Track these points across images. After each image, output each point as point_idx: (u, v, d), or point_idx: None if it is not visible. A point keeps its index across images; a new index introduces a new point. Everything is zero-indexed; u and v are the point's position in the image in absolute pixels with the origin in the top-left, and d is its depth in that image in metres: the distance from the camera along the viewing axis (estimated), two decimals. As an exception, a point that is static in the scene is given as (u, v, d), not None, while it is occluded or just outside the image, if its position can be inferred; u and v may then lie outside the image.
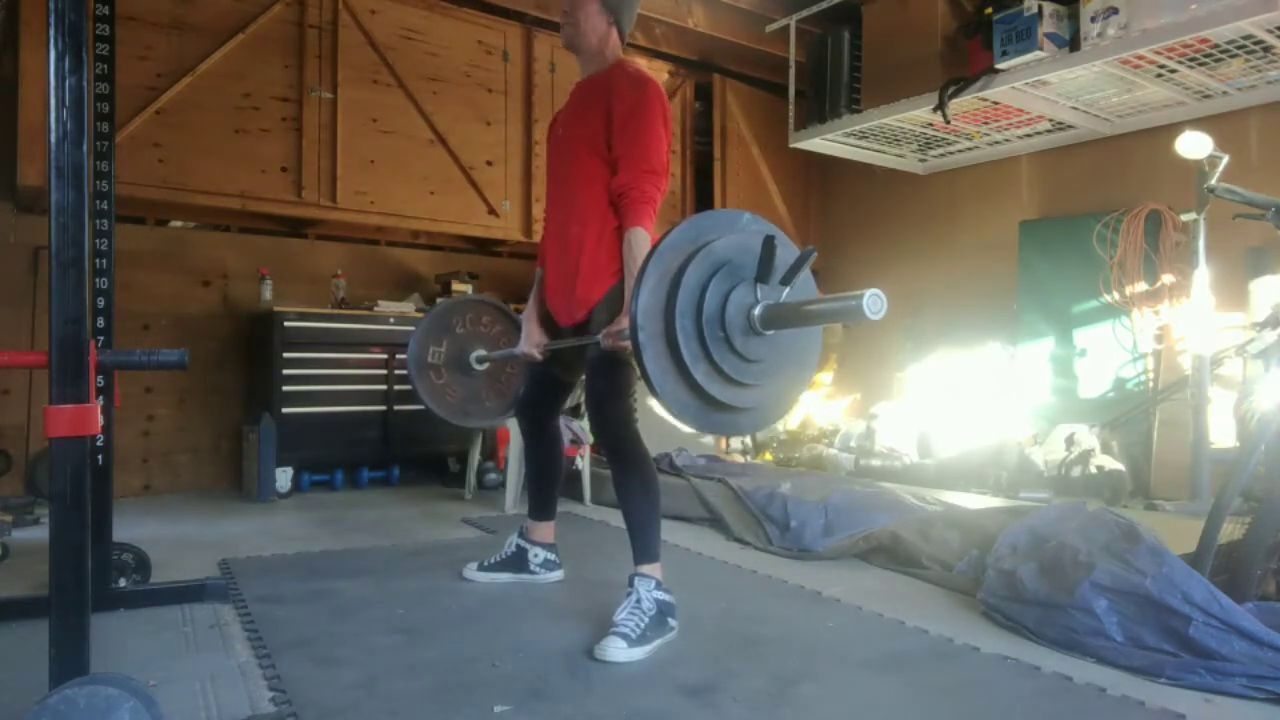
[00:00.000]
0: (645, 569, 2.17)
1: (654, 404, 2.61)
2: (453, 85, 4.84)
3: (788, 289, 1.65)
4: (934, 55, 4.49)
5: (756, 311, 1.61)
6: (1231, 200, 2.82)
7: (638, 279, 1.61)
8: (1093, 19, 3.81)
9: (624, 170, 2.18)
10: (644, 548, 2.19)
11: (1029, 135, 4.95)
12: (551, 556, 2.66)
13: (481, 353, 2.84)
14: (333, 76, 4.46)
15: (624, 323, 2.05)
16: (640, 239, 2.14)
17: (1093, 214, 4.65)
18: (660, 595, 2.12)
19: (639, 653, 1.97)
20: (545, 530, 2.66)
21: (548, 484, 2.66)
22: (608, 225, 2.23)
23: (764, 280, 1.61)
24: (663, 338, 1.60)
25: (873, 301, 1.39)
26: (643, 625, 2.03)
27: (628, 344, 1.99)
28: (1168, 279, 4.30)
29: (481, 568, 2.66)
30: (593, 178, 2.25)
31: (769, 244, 1.59)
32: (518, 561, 2.64)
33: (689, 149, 5.83)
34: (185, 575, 2.56)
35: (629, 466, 2.23)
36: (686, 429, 5.08)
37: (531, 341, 2.45)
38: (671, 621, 2.12)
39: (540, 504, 2.65)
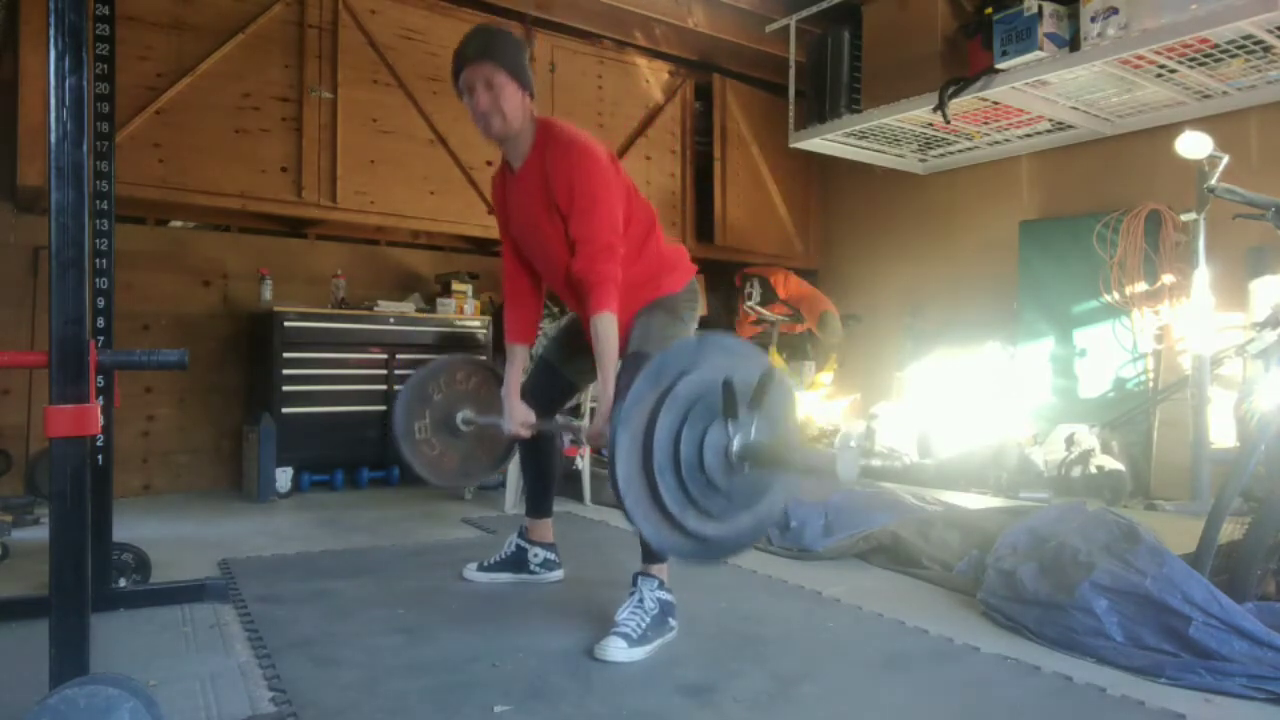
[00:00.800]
0: (652, 569, 2.17)
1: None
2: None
3: (757, 415, 1.67)
4: (934, 55, 4.49)
5: (734, 447, 1.64)
6: (1231, 200, 2.83)
7: (611, 449, 1.61)
8: (1093, 19, 3.81)
9: (578, 255, 2.15)
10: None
11: (1029, 135, 4.94)
12: (551, 556, 2.66)
13: (468, 414, 2.84)
14: (333, 76, 4.46)
15: (600, 425, 2.08)
16: (605, 324, 2.12)
17: (1093, 214, 4.64)
18: (663, 595, 2.12)
19: (639, 653, 1.97)
20: (544, 530, 2.66)
21: (544, 483, 2.66)
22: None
23: (733, 416, 1.63)
24: (647, 496, 1.62)
25: (846, 463, 1.42)
26: (644, 625, 2.03)
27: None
28: (1168, 279, 4.30)
29: (481, 568, 2.66)
30: None
31: (728, 389, 1.61)
32: (518, 561, 2.64)
33: (689, 149, 5.83)
34: (185, 575, 2.56)
35: None
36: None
37: (517, 419, 2.40)
38: (672, 621, 2.12)
39: (537, 503, 2.66)
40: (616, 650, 1.96)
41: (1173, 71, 3.97)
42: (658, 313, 2.30)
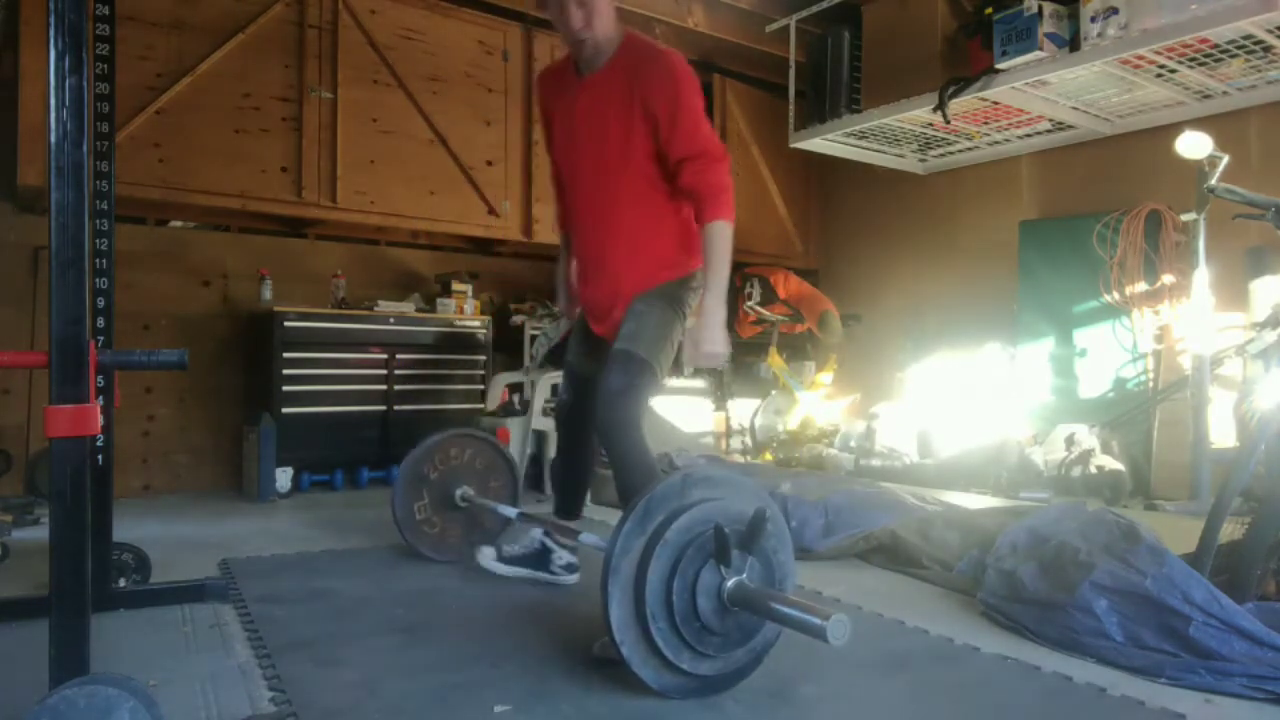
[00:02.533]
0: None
1: (653, 403, 2.62)
2: (453, 85, 4.84)
3: (751, 556, 1.71)
4: (934, 55, 4.49)
5: (728, 588, 1.68)
6: (1231, 200, 2.82)
7: (604, 597, 1.65)
8: (1093, 19, 3.81)
9: (688, 169, 2.11)
10: None
11: (1029, 135, 4.94)
12: (574, 560, 2.62)
13: (467, 491, 2.92)
14: (333, 76, 4.46)
15: (706, 343, 2.06)
16: (722, 231, 2.08)
17: (1093, 214, 4.64)
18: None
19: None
20: (571, 531, 2.62)
21: (579, 486, 2.63)
22: (655, 224, 2.20)
23: (725, 562, 1.67)
24: (643, 642, 1.66)
25: (837, 627, 1.45)
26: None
27: (715, 362, 2.09)
28: (1168, 279, 4.30)
29: (501, 558, 2.58)
30: (637, 177, 2.18)
31: (720, 534, 1.65)
32: (540, 559, 2.60)
33: (689, 149, 5.82)
34: (185, 575, 2.56)
35: (634, 473, 2.14)
36: (686, 429, 5.09)
37: (575, 309, 2.49)
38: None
39: (569, 503, 2.62)
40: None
41: (1173, 71, 3.97)
42: (659, 304, 2.22)
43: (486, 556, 2.58)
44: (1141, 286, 4.38)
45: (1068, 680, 1.84)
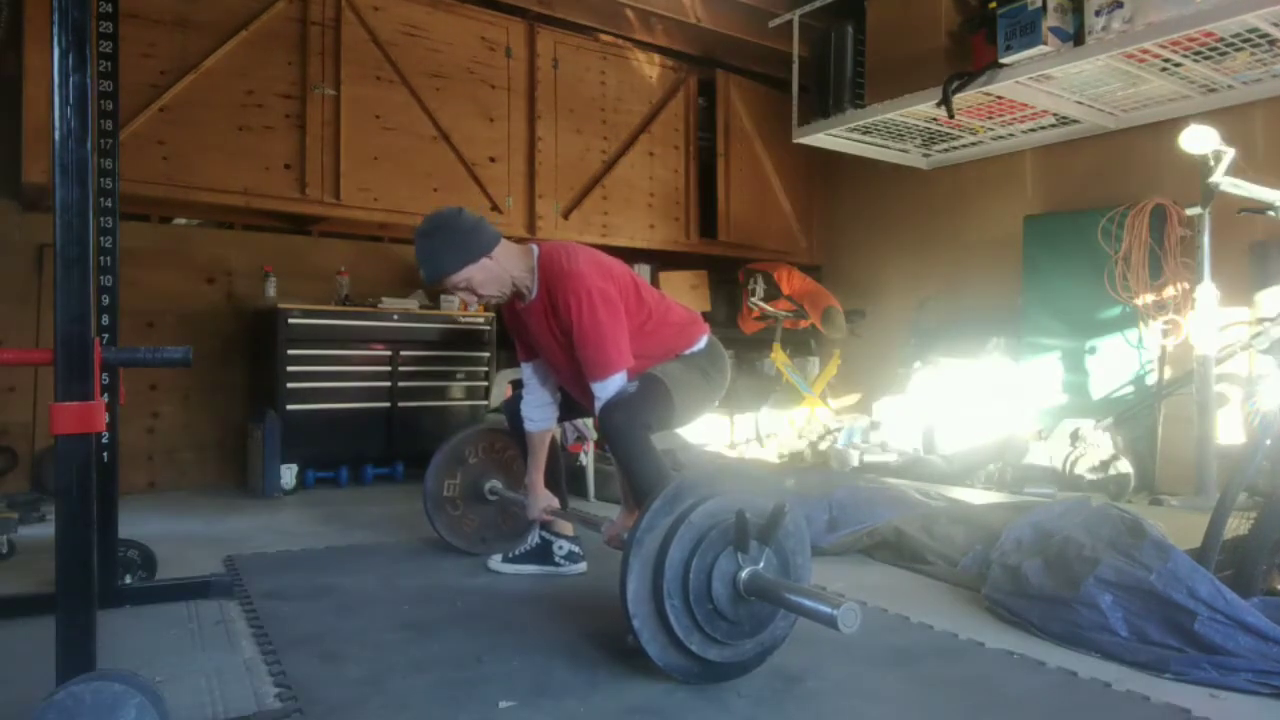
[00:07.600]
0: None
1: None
2: (456, 81, 4.84)
3: (768, 548, 1.74)
4: (938, 50, 4.47)
5: (743, 576, 1.71)
6: (1236, 195, 2.81)
7: (623, 570, 1.69)
8: (1097, 13, 3.79)
9: (591, 381, 2.26)
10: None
11: (1033, 130, 4.93)
12: (576, 549, 2.69)
13: (496, 484, 2.95)
14: (336, 73, 4.45)
15: (617, 530, 2.32)
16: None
17: (1097, 209, 4.63)
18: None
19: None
20: (563, 523, 2.68)
21: (552, 479, 2.70)
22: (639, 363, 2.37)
23: (743, 549, 1.70)
24: (656, 618, 1.70)
25: (847, 615, 1.49)
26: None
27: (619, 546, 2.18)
28: (1172, 274, 4.28)
29: (506, 559, 2.71)
30: None
31: (742, 519, 1.68)
32: (542, 554, 2.68)
33: (692, 145, 5.81)
34: (190, 572, 2.57)
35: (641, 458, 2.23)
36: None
37: (540, 507, 2.61)
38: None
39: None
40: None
41: (1177, 65, 3.95)
42: (675, 360, 2.44)
43: (494, 561, 2.72)
44: (1146, 281, 4.36)
45: (1072, 675, 1.84)
